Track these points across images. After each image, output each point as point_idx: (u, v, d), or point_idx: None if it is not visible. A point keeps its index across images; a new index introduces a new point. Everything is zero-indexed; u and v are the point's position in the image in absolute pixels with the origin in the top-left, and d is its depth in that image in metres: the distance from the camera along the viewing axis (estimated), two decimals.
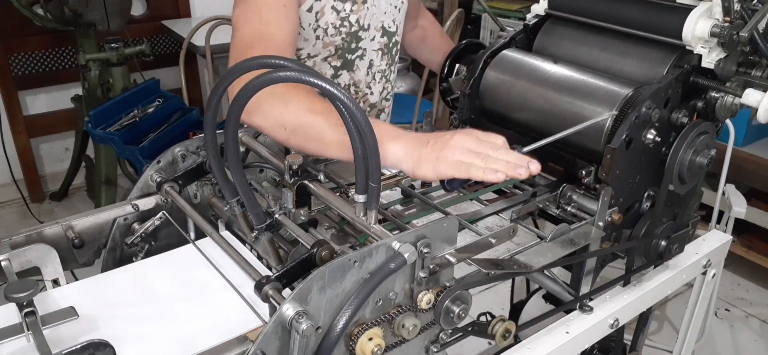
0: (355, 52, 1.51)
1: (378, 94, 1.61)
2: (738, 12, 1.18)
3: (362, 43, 1.51)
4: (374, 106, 1.62)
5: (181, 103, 3.12)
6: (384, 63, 1.58)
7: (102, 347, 0.82)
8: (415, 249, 0.89)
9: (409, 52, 1.85)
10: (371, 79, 1.57)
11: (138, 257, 1.23)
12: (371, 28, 1.52)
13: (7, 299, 0.87)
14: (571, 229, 1.15)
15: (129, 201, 1.23)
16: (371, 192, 0.95)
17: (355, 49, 1.51)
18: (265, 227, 1.09)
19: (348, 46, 1.49)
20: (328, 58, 1.49)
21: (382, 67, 1.58)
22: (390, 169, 1.32)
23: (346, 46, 1.49)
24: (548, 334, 1.15)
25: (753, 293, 3.12)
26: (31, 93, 3.72)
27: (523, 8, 3.64)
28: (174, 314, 1.01)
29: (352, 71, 1.53)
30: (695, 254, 1.38)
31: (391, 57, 1.60)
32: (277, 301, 0.87)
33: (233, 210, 1.11)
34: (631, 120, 1.14)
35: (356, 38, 1.50)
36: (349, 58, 1.51)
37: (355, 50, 1.51)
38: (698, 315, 1.49)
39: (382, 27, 1.54)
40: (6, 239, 1.07)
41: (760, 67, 1.24)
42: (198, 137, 1.29)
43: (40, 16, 3.25)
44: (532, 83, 1.36)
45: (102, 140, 2.96)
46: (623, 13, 1.32)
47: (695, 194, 1.33)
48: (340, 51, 1.49)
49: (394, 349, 0.95)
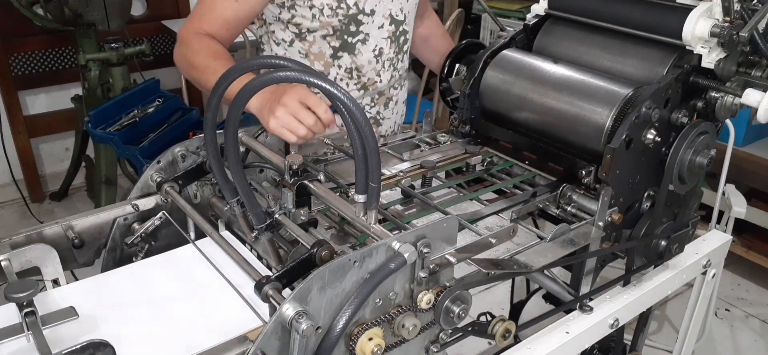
0: (355, 36, 1.53)
1: (386, 82, 1.62)
2: (738, 12, 1.18)
3: (364, 28, 1.53)
4: (382, 93, 1.63)
5: (181, 103, 3.12)
6: (392, 51, 1.60)
7: (102, 347, 0.82)
8: (415, 249, 0.89)
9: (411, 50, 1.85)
10: (381, 67, 1.59)
11: (138, 257, 1.23)
12: (377, 14, 1.53)
13: (7, 299, 0.87)
14: (571, 229, 1.15)
15: (129, 201, 1.23)
16: (371, 192, 0.95)
17: (355, 33, 1.52)
18: (265, 227, 1.09)
19: (346, 29, 1.51)
20: (327, 37, 1.52)
21: (390, 55, 1.60)
22: (388, 169, 1.32)
23: (343, 28, 1.51)
24: (548, 334, 1.15)
25: (753, 293, 3.12)
26: (32, 93, 3.72)
27: (523, 8, 3.63)
28: (174, 314, 1.01)
29: (354, 54, 1.55)
30: (695, 254, 1.38)
31: (398, 45, 1.61)
32: (277, 301, 0.87)
33: (233, 210, 1.12)
34: (631, 120, 1.14)
35: (356, 21, 1.51)
36: (349, 40, 1.53)
37: (356, 33, 1.53)
38: (698, 315, 1.49)
39: (390, 15, 1.56)
40: (6, 239, 1.07)
41: (760, 67, 1.24)
42: (198, 137, 1.29)
43: (41, 16, 3.25)
44: (532, 83, 1.36)
45: (102, 140, 2.96)
46: (623, 13, 1.32)
47: (695, 194, 1.33)
48: (337, 32, 1.51)
49: (394, 349, 0.95)
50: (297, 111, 1.17)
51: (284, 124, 1.18)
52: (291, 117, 1.17)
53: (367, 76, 1.58)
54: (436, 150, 1.44)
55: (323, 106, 1.18)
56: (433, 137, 1.50)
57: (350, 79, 1.57)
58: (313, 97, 1.19)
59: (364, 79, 1.58)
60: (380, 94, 1.63)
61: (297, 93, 1.19)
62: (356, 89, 1.59)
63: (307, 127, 1.18)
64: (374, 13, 1.52)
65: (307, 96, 1.19)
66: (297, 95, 1.18)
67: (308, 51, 1.54)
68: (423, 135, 1.52)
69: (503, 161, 1.40)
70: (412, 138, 1.51)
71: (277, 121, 1.18)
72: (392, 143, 1.46)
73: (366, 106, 1.62)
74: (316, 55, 1.54)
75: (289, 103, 1.18)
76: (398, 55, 1.63)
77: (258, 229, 1.09)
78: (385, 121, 1.69)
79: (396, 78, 1.65)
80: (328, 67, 1.55)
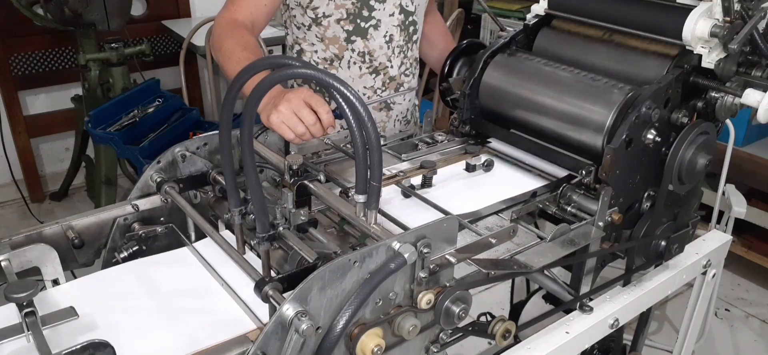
0: (368, 20, 1.58)
1: (397, 68, 1.67)
2: (738, 12, 1.18)
3: (376, 13, 1.58)
4: (394, 79, 1.68)
5: (181, 103, 3.12)
6: (402, 39, 1.65)
7: (102, 347, 0.82)
8: (415, 249, 0.89)
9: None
10: (391, 53, 1.64)
11: (137, 257, 1.23)
12: (388, 3, 1.58)
13: (7, 299, 0.87)
14: (571, 229, 1.15)
15: (129, 201, 1.23)
16: (371, 192, 0.95)
17: (367, 17, 1.58)
18: (267, 238, 1.06)
19: (359, 13, 1.56)
20: (341, 20, 1.57)
21: (400, 43, 1.65)
22: (388, 169, 1.32)
23: (356, 12, 1.56)
24: (548, 334, 1.15)
25: (753, 293, 3.12)
26: (32, 93, 3.72)
27: (523, 8, 3.63)
28: (174, 314, 1.01)
29: (366, 39, 1.60)
30: (695, 254, 1.38)
31: (408, 34, 1.66)
32: (277, 301, 0.87)
33: (233, 218, 1.08)
34: (632, 120, 1.14)
35: (368, 7, 1.56)
36: (361, 24, 1.58)
37: (368, 18, 1.58)
38: (698, 315, 1.49)
39: (400, 5, 1.61)
40: (6, 239, 1.07)
41: (760, 67, 1.24)
42: (198, 137, 1.29)
43: (41, 16, 3.24)
44: (532, 83, 1.36)
45: (102, 140, 2.96)
46: (623, 13, 1.32)
47: (695, 194, 1.33)
48: (351, 16, 1.57)
49: (394, 349, 0.95)
50: (299, 109, 1.18)
51: (284, 120, 1.18)
52: (292, 114, 1.18)
53: (378, 60, 1.63)
54: (436, 150, 1.44)
55: (326, 107, 1.18)
56: (432, 137, 1.50)
57: (363, 62, 1.62)
58: (317, 97, 1.19)
59: (376, 63, 1.64)
60: (392, 79, 1.67)
61: (302, 92, 1.20)
62: (368, 72, 1.64)
63: (307, 126, 1.18)
64: (386, 1, 1.58)
65: (312, 96, 1.19)
66: (301, 94, 1.19)
67: (324, 35, 1.59)
68: (423, 135, 1.52)
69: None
70: (412, 138, 1.51)
71: (279, 115, 1.18)
72: (392, 143, 1.47)
73: (378, 89, 1.67)
74: (330, 40, 1.59)
75: (293, 100, 1.18)
76: (408, 43, 1.67)
77: (259, 237, 1.06)
78: (396, 105, 1.73)
79: (407, 65, 1.70)
80: (343, 51, 1.61)
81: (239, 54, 1.36)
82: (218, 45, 1.43)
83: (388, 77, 1.66)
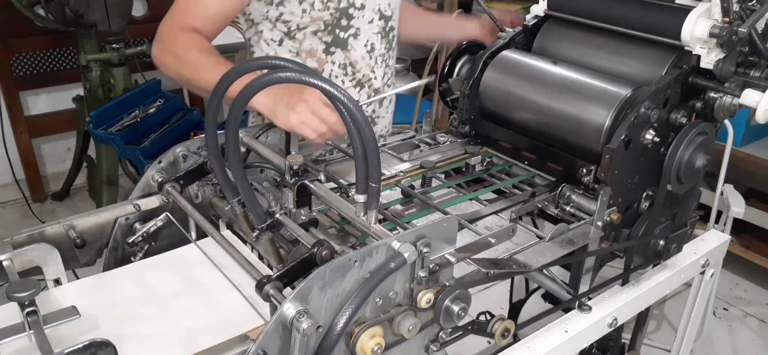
0: (347, 30, 1.51)
1: (381, 79, 1.62)
2: (737, 12, 1.19)
3: (355, 22, 1.51)
4: (378, 91, 1.62)
5: (182, 103, 3.13)
6: (383, 47, 1.60)
7: (104, 347, 0.83)
8: (415, 249, 0.89)
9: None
10: (374, 64, 1.59)
11: (137, 256, 1.23)
12: (367, 9, 1.52)
13: (9, 298, 0.88)
14: (570, 229, 1.16)
15: (130, 201, 1.23)
16: (371, 192, 0.96)
17: (346, 27, 1.51)
18: (266, 227, 1.09)
19: (337, 23, 1.49)
20: (318, 32, 1.49)
21: (382, 51, 1.60)
22: (388, 169, 1.32)
23: (335, 22, 1.49)
24: (547, 333, 1.15)
25: (751, 292, 3.12)
26: (33, 93, 3.72)
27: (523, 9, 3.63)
28: (175, 314, 1.02)
29: (347, 50, 1.53)
30: (694, 254, 1.39)
31: (388, 41, 1.61)
32: (277, 300, 0.88)
33: (234, 210, 1.12)
34: (630, 120, 1.15)
35: (347, 16, 1.49)
36: (340, 35, 1.51)
37: (347, 28, 1.51)
38: (696, 314, 1.49)
39: (379, 10, 1.55)
40: (8, 239, 1.07)
41: (758, 68, 1.24)
42: (199, 137, 1.30)
43: (42, 16, 3.25)
44: (531, 84, 1.37)
45: (103, 140, 2.96)
46: (622, 13, 1.32)
47: (694, 194, 1.34)
48: (329, 27, 1.49)
49: (394, 348, 0.96)
50: (319, 109, 1.17)
51: (305, 121, 1.18)
52: (312, 115, 1.17)
53: (361, 72, 1.57)
54: (436, 150, 1.45)
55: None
56: (432, 137, 1.51)
57: (345, 75, 1.55)
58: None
59: (359, 75, 1.57)
60: (376, 92, 1.62)
61: (317, 92, 1.19)
62: (352, 86, 1.57)
63: (329, 126, 1.18)
64: (364, 8, 1.51)
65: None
66: (317, 94, 1.17)
67: (299, 49, 1.51)
68: (423, 135, 1.53)
69: (503, 162, 1.41)
70: (412, 138, 1.51)
71: (298, 116, 1.18)
72: (392, 143, 1.47)
73: (364, 105, 1.61)
74: (308, 53, 1.51)
75: (311, 101, 1.17)
76: (389, 51, 1.62)
77: (259, 229, 1.09)
78: (380, 119, 1.69)
79: (389, 75, 1.65)
80: (322, 64, 1.53)
81: (207, 60, 1.32)
82: (175, 53, 1.37)
83: (373, 90, 1.61)
